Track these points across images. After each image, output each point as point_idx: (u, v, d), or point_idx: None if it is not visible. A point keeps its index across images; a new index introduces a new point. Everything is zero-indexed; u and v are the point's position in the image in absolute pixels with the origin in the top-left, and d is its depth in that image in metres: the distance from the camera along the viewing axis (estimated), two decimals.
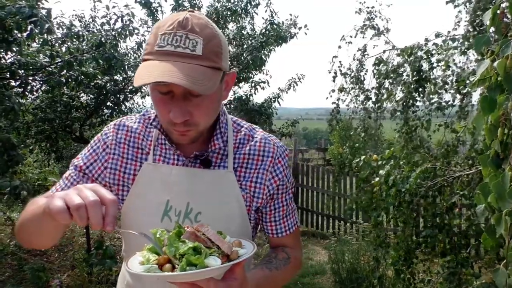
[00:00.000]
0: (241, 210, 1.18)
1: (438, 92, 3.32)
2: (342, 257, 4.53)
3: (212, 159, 1.17)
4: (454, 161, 3.31)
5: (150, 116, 1.23)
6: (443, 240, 2.94)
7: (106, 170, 1.19)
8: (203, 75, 0.97)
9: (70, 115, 4.76)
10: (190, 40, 0.97)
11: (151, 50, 0.99)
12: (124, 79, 4.65)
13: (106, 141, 1.20)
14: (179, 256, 0.86)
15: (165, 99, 1.01)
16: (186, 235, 0.91)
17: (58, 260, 4.87)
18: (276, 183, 1.21)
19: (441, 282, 2.92)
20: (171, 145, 1.15)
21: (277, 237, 1.26)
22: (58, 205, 0.80)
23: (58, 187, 1.19)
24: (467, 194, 2.92)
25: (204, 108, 1.04)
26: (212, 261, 0.86)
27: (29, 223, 1.03)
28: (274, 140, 1.25)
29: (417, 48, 3.55)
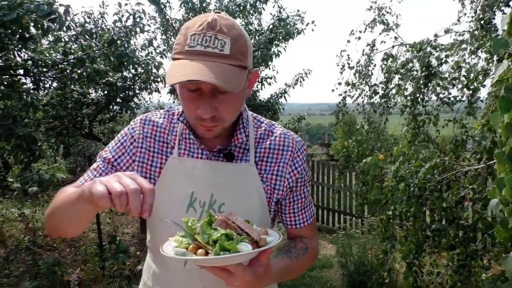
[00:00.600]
0: (262, 202, 1.23)
1: (447, 88, 3.36)
2: (349, 250, 4.59)
3: (235, 153, 1.23)
4: (462, 156, 3.36)
5: (174, 112, 1.29)
6: (452, 234, 2.99)
7: (134, 163, 1.24)
8: (231, 74, 1.03)
9: (80, 112, 4.81)
10: (218, 41, 1.02)
11: (181, 50, 1.04)
12: (133, 76, 4.70)
13: (133, 135, 1.25)
14: (212, 242, 0.91)
15: (193, 96, 1.07)
16: (217, 223, 0.96)
17: (70, 255, 4.94)
18: (296, 176, 1.27)
19: (450, 274, 2.97)
20: (195, 140, 1.21)
21: (296, 228, 1.32)
22: (100, 190, 0.84)
23: (86, 177, 1.23)
24: (476, 188, 2.97)
25: (230, 105, 1.09)
26: (244, 247, 0.91)
27: (61, 210, 1.07)
28: (293, 135, 1.31)
29: (426, 44, 3.59)
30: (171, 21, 5.19)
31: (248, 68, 1.11)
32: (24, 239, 5.01)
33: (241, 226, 0.96)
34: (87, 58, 3.69)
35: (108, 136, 5.52)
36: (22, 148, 3.13)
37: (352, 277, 4.43)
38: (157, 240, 1.27)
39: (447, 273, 3.02)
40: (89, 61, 3.74)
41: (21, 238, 5.05)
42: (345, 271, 4.56)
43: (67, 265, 4.60)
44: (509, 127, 1.04)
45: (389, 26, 4.20)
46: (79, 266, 4.49)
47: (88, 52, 3.74)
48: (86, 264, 4.57)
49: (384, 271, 3.39)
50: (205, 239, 0.92)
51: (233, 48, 1.04)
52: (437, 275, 3.19)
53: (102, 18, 4.64)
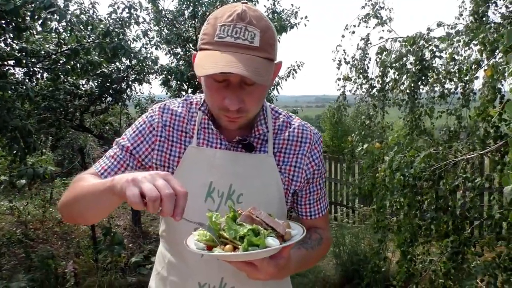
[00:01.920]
0: (280, 193, 1.24)
1: (442, 81, 3.43)
2: (342, 240, 4.66)
3: (253, 144, 1.23)
4: (455, 146, 3.44)
5: (192, 101, 1.29)
6: (447, 222, 3.07)
7: (153, 152, 1.23)
8: (261, 66, 1.03)
9: (72, 103, 4.75)
10: (249, 32, 1.03)
11: (210, 40, 1.04)
12: (127, 67, 4.66)
13: (152, 123, 1.24)
14: (238, 237, 0.92)
15: (219, 86, 1.07)
16: (242, 218, 0.97)
17: (62, 248, 4.90)
18: (313, 167, 1.28)
19: (444, 261, 3.05)
20: (215, 129, 1.21)
21: (311, 219, 1.33)
22: (134, 192, 0.84)
23: (103, 164, 1.21)
24: (469, 177, 3.05)
25: (256, 96, 1.10)
26: (272, 242, 0.92)
27: (85, 199, 1.05)
28: (310, 127, 1.32)
29: (419, 38, 3.64)
30: (164, 12, 5.15)
31: (274, 60, 1.11)
32: (16, 232, 4.95)
33: (265, 221, 0.97)
34: (82, 49, 3.64)
35: (99, 128, 5.45)
36: (17, 140, 3.08)
37: (345, 266, 4.51)
38: (173, 230, 1.28)
39: (441, 261, 3.10)
40: (84, 52, 3.70)
41: (12, 231, 4.99)
42: (338, 261, 4.63)
43: (60, 257, 4.57)
44: None
45: (382, 20, 4.26)
46: (72, 259, 4.46)
47: (82, 43, 3.69)
48: (79, 256, 4.55)
49: (379, 260, 3.45)
50: (231, 234, 0.93)
51: (262, 40, 1.04)
52: (430, 262, 3.27)
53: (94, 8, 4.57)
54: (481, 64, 3.13)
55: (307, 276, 4.69)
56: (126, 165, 1.22)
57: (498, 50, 2.79)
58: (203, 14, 4.95)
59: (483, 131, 2.93)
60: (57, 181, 7.25)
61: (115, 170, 1.20)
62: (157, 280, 1.36)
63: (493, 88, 2.64)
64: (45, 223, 5.49)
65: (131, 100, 5.75)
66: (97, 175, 1.19)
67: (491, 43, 2.80)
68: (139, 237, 5.52)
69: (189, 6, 5.00)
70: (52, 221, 5.58)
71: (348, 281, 4.52)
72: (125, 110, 5.74)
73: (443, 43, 3.38)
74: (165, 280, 1.31)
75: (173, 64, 5.41)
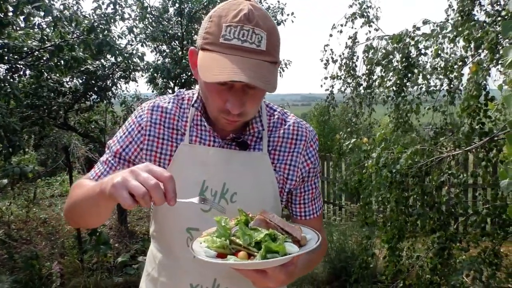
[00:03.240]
0: (275, 192, 1.21)
1: (427, 78, 3.46)
2: (330, 237, 4.67)
3: (248, 142, 1.20)
4: (440, 142, 3.48)
5: (184, 96, 1.25)
6: (433, 218, 3.10)
7: (142, 152, 1.20)
8: (269, 72, 1.00)
9: (56, 101, 4.66)
10: (256, 35, 0.99)
11: (215, 41, 1.00)
12: (112, 65, 4.59)
13: (140, 123, 1.20)
14: (254, 243, 0.86)
15: (222, 89, 1.04)
16: (256, 223, 0.92)
17: (46, 248, 4.81)
18: (309, 166, 1.25)
19: (431, 257, 3.08)
20: (208, 127, 1.18)
21: (305, 219, 1.30)
22: (123, 196, 0.83)
23: (97, 171, 1.20)
24: (455, 173, 3.08)
25: (257, 100, 1.08)
26: (290, 248, 0.86)
27: (82, 205, 1.05)
28: (306, 124, 1.29)
29: (405, 35, 3.67)
30: (150, 9, 5.09)
31: (278, 62, 1.09)
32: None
33: (280, 225, 0.92)
34: (66, 46, 3.57)
35: (84, 126, 5.36)
36: (1, 139, 3.01)
37: (333, 264, 4.52)
38: (165, 230, 1.25)
39: (428, 256, 3.13)
40: (68, 49, 3.62)
41: None
42: (326, 258, 4.64)
43: (44, 258, 4.48)
44: None
45: (369, 19, 4.28)
46: (57, 259, 4.39)
47: (66, 40, 3.62)
48: (64, 257, 4.48)
49: (367, 256, 3.47)
50: (246, 240, 0.86)
51: (269, 43, 1.01)
52: (417, 258, 3.30)
53: (78, 4, 4.50)
54: (466, 61, 3.17)
55: None
56: (117, 171, 1.19)
57: (482, 47, 2.82)
58: (189, 12, 4.91)
59: (467, 128, 2.97)
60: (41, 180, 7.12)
61: (107, 176, 1.17)
62: (147, 282, 1.32)
63: (477, 84, 2.67)
64: (29, 223, 5.39)
65: (116, 98, 5.67)
66: (91, 181, 1.17)
67: (476, 40, 2.83)
68: (126, 236, 5.45)
69: (174, 3, 4.95)
70: (36, 221, 5.48)
71: (336, 278, 4.53)
72: (110, 108, 5.65)
73: (429, 40, 3.41)
74: (156, 281, 1.28)
75: (159, 61, 5.35)
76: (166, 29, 4.98)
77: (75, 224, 1.22)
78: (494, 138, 2.85)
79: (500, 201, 2.89)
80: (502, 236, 2.89)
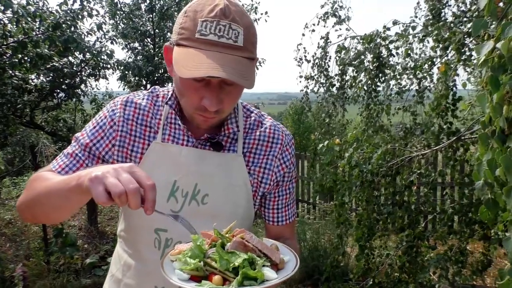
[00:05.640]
0: (248, 195, 1.19)
1: (397, 78, 3.50)
2: (303, 236, 4.69)
3: (222, 143, 1.18)
4: (411, 142, 3.53)
5: (159, 93, 1.22)
6: (402, 216, 3.14)
7: (114, 148, 1.16)
8: (246, 68, 0.98)
9: (21, 99, 4.50)
10: (232, 31, 0.97)
11: (191, 36, 0.97)
12: (81, 62, 4.46)
13: (113, 117, 1.16)
14: (231, 268, 0.82)
15: (198, 86, 1.01)
16: (234, 245, 0.87)
17: (11, 250, 4.66)
18: (284, 170, 1.23)
19: (400, 255, 3.12)
20: (182, 125, 1.15)
21: (277, 225, 1.28)
22: (98, 191, 0.80)
23: (60, 162, 1.14)
24: (423, 173, 3.13)
25: (234, 96, 1.05)
26: (269, 273, 0.83)
27: (49, 198, 0.99)
28: (283, 128, 1.27)
29: (376, 36, 3.71)
30: (120, 5, 4.97)
31: (255, 59, 1.06)
32: None
33: (258, 247, 0.88)
34: (30, 42, 3.44)
35: (52, 124, 5.20)
36: None
37: (306, 262, 4.54)
38: (133, 230, 1.22)
39: (396, 255, 3.17)
40: (32, 45, 3.49)
41: None
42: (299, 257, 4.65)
43: (8, 260, 4.33)
44: (498, 107, 1.04)
45: (341, 19, 4.30)
46: (22, 261, 4.25)
47: (30, 36, 3.49)
48: (30, 259, 4.34)
49: (338, 255, 3.49)
50: (223, 265, 0.82)
51: (246, 38, 0.99)
52: (387, 256, 3.34)
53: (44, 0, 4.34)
54: (435, 61, 3.22)
55: None
56: (85, 165, 1.14)
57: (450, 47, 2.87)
58: (161, 8, 4.82)
59: (437, 127, 3.02)
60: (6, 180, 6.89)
61: (73, 169, 1.13)
62: (111, 283, 1.29)
63: (446, 84, 2.72)
64: None
65: (87, 96, 5.52)
66: (54, 174, 1.11)
67: (444, 40, 2.88)
68: (95, 237, 5.33)
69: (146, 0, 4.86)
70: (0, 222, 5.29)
71: (309, 277, 4.55)
72: (80, 106, 5.50)
73: (399, 40, 3.45)
74: (119, 282, 1.25)
75: (130, 59, 5.24)
76: (137, 26, 4.88)
77: (32, 218, 1.14)
78: (461, 138, 2.92)
79: (467, 199, 2.95)
80: (468, 234, 2.96)
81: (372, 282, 3.27)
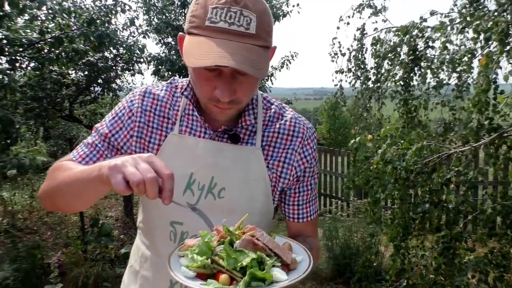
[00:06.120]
0: (266, 190, 1.16)
1: (435, 72, 3.33)
2: (335, 233, 4.59)
3: (240, 135, 1.15)
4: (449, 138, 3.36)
5: (177, 84, 1.20)
6: (438, 216, 3.00)
7: (132, 139, 1.16)
8: (258, 57, 0.94)
9: (60, 93, 4.66)
10: (244, 17, 0.93)
11: (200, 24, 0.95)
12: (115, 56, 4.55)
13: (131, 108, 1.16)
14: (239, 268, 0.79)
15: (210, 76, 0.99)
16: (243, 244, 0.83)
17: (51, 238, 4.85)
18: (304, 165, 1.19)
19: (435, 256, 2.99)
20: (199, 117, 1.13)
21: (298, 222, 1.24)
22: (117, 179, 0.80)
23: (81, 152, 1.15)
24: (461, 171, 2.97)
25: (249, 86, 1.02)
26: (278, 275, 0.79)
27: (70, 188, 1.00)
28: (304, 120, 1.23)
29: (412, 27, 3.54)
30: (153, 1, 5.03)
31: (271, 47, 1.03)
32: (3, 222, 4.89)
33: (269, 246, 0.84)
34: (66, 38, 3.53)
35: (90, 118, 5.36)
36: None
37: (337, 260, 4.45)
38: (150, 221, 1.22)
39: (432, 256, 3.04)
40: (68, 41, 3.59)
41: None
42: (331, 254, 4.57)
43: (48, 248, 4.51)
44: None
45: (377, 10, 4.14)
46: (61, 249, 4.41)
47: (66, 32, 3.59)
48: (68, 247, 4.49)
49: (371, 254, 3.39)
50: (231, 264, 0.79)
51: (259, 26, 0.95)
52: (421, 257, 3.21)
53: None
54: (475, 54, 3.03)
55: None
56: (104, 155, 1.15)
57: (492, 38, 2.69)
58: None
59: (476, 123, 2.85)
60: None
61: (93, 159, 1.14)
62: (129, 274, 1.30)
63: (487, 78, 2.54)
64: (34, 214, 5.43)
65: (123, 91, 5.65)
66: (75, 163, 1.12)
67: (485, 31, 2.70)
68: (131, 228, 5.46)
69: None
70: (42, 212, 5.52)
71: (340, 275, 4.46)
72: (116, 100, 5.64)
73: (437, 32, 3.27)
74: (137, 274, 1.25)
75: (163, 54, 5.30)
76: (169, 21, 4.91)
77: (52, 207, 1.15)
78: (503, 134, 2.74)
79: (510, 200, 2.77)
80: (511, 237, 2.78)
81: (406, 283, 3.16)
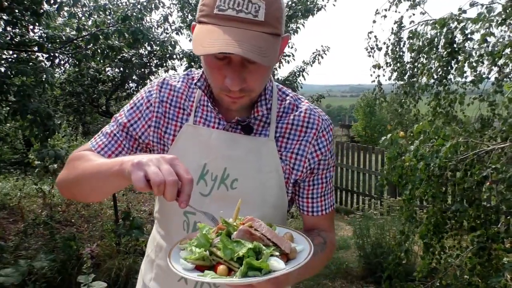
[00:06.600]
0: (280, 181, 1.15)
1: (473, 65, 3.19)
2: (367, 232, 4.51)
3: (254, 126, 1.14)
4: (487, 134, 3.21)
5: (194, 76, 1.21)
6: (473, 215, 2.88)
7: (149, 129, 1.18)
8: (266, 45, 0.94)
9: (96, 89, 4.81)
10: (252, 4, 0.92)
11: (209, 12, 0.95)
12: (149, 53, 4.66)
13: (150, 99, 1.18)
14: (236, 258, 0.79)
15: (220, 64, 0.99)
16: (239, 234, 0.84)
17: (87, 231, 5.02)
18: (318, 157, 1.17)
19: (470, 256, 2.87)
20: (213, 108, 1.13)
21: (312, 215, 1.22)
22: (138, 176, 0.82)
23: (99, 142, 1.17)
24: (499, 168, 2.83)
25: (259, 75, 1.01)
26: (276, 264, 0.79)
27: (89, 179, 1.02)
28: (320, 112, 1.21)
29: (450, 19, 3.40)
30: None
31: (281, 35, 1.02)
32: (42, 214, 5.11)
33: (267, 235, 0.84)
34: (101, 34, 3.64)
35: None
36: (37, 123, 3.14)
37: (368, 259, 4.37)
38: (165, 211, 1.23)
39: (467, 256, 2.92)
40: (103, 37, 3.70)
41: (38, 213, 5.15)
42: (361, 253, 4.50)
43: (84, 240, 4.67)
44: None
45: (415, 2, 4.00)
46: (96, 241, 4.55)
47: (102, 28, 3.70)
48: (103, 239, 4.64)
49: (401, 252, 3.30)
50: (227, 255, 0.79)
51: (268, 13, 0.94)
52: (456, 257, 3.09)
53: None
54: None
55: (329, 267, 4.58)
56: (123, 145, 1.17)
57: None
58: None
59: None
60: None
61: (112, 149, 1.16)
62: (146, 263, 1.32)
63: None
64: (72, 206, 5.64)
65: None
66: (95, 154, 1.14)
67: None
68: None
69: None
70: (79, 205, 5.72)
71: (371, 274, 4.38)
72: None
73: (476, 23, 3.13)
74: (152, 263, 1.27)
75: None
76: None
77: (70, 195, 1.18)
78: None
79: None
80: None
81: (439, 283, 3.05)
